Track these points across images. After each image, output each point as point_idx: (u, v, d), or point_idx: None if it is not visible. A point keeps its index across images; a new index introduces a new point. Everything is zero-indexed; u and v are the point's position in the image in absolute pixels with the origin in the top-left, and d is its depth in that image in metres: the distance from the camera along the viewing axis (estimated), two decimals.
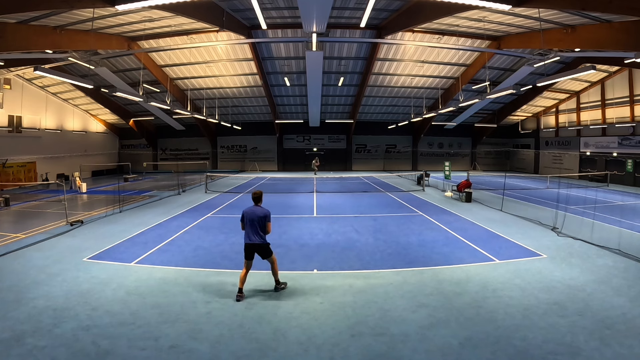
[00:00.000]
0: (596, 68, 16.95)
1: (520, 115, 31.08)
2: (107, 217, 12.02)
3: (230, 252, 8.05)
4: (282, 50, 20.36)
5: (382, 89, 25.56)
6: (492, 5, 6.61)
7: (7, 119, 21.09)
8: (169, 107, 17.34)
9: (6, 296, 5.60)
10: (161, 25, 16.19)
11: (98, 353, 4.11)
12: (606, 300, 5.43)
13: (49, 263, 7.19)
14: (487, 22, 15.32)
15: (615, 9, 7.82)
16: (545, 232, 9.79)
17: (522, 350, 4.15)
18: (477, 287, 5.99)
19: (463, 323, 4.79)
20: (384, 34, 17.52)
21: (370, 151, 34.51)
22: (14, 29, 11.95)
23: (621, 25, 11.07)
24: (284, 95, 26.81)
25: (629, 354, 4.05)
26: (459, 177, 19.83)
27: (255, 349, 4.22)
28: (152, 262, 7.31)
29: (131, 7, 6.58)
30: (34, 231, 10.03)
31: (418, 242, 8.86)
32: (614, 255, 7.62)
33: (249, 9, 14.92)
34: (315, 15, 10.48)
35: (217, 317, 5.00)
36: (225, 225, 10.71)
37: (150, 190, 19.51)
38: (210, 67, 21.92)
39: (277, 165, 34.03)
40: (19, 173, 22.07)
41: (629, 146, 22.20)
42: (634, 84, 21.07)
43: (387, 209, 13.44)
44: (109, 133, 32.29)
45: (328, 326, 4.75)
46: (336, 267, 7.03)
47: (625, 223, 10.61)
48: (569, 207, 13.19)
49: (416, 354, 4.12)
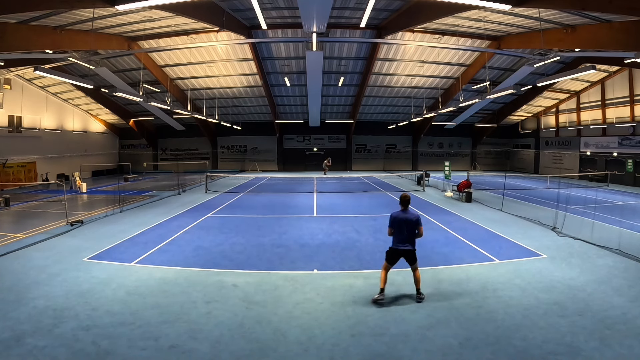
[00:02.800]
0: (596, 68, 16.94)
1: (520, 115, 31.07)
2: (107, 217, 12.02)
3: (230, 252, 8.06)
4: (282, 50, 20.35)
5: (382, 89, 25.55)
6: (492, 5, 6.60)
7: (7, 119, 21.09)
8: (169, 107, 17.35)
9: (6, 296, 5.60)
10: (161, 25, 16.19)
11: (98, 353, 4.11)
12: (606, 300, 5.43)
13: (49, 263, 7.19)
14: (487, 22, 15.32)
15: (615, 9, 7.81)
16: (546, 232, 9.78)
17: (522, 350, 4.15)
18: (477, 287, 5.99)
19: (463, 323, 4.79)
20: (384, 34, 17.51)
21: (371, 151, 34.51)
22: (14, 29, 11.95)
23: (621, 25, 11.06)
24: (284, 95, 26.81)
25: (629, 354, 4.05)
26: (459, 177, 19.82)
27: (255, 349, 4.22)
28: (152, 262, 7.30)
29: (131, 7, 6.58)
30: (34, 231, 10.03)
31: (418, 242, 8.73)
32: (614, 255, 7.62)
33: (249, 9, 14.91)
34: (315, 15, 10.48)
35: (217, 317, 5.00)
36: (226, 225, 10.71)
37: (151, 191, 19.51)
38: (210, 67, 21.91)
39: (277, 165, 34.02)
40: (19, 173, 22.07)
41: (629, 146, 22.19)
42: (634, 84, 21.06)
43: (387, 209, 13.41)
44: (109, 133, 32.29)
45: (328, 326, 4.75)
46: (336, 267, 7.03)
47: (626, 223, 10.60)
48: (569, 207, 13.19)
49: (416, 354, 4.12)
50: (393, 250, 5.50)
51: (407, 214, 5.49)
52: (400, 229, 5.42)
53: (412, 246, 5.46)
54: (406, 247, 5.43)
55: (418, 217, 5.49)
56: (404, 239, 5.43)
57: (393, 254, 5.49)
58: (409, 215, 5.46)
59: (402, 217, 5.46)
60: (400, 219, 5.45)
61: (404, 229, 5.41)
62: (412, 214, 5.51)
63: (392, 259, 5.49)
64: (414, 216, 5.47)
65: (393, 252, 5.49)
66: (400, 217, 5.46)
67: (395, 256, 5.48)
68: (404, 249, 5.42)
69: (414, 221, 5.42)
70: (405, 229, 5.41)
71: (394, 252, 5.48)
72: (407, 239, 5.43)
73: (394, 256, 5.48)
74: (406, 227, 5.41)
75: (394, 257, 5.48)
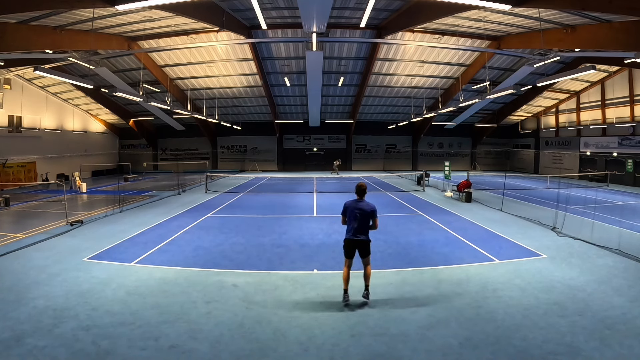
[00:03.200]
0: (596, 68, 16.96)
1: (520, 115, 31.08)
2: (107, 217, 12.02)
3: (230, 252, 8.06)
4: (282, 50, 20.36)
5: (382, 89, 25.56)
6: (492, 5, 6.60)
7: (7, 119, 21.10)
8: (169, 107, 17.35)
9: (6, 296, 5.59)
10: (161, 25, 16.19)
11: (98, 353, 4.11)
12: (606, 300, 5.43)
13: (49, 263, 7.18)
14: (487, 22, 15.32)
15: (615, 9, 7.81)
16: (545, 232, 9.79)
17: (522, 350, 4.15)
18: (477, 287, 5.99)
19: (463, 323, 4.79)
20: (384, 34, 17.52)
21: (370, 151, 34.52)
22: (14, 29, 11.95)
23: (621, 25, 11.06)
24: (284, 95, 26.82)
25: (629, 354, 4.05)
26: (459, 177, 19.82)
27: (255, 349, 4.22)
28: (152, 262, 7.30)
29: (131, 7, 6.58)
30: (34, 231, 10.03)
31: (418, 242, 8.86)
32: (614, 255, 7.62)
33: (249, 9, 14.92)
34: (315, 15, 10.49)
35: (217, 317, 4.99)
36: (225, 225, 10.71)
37: (150, 190, 19.51)
38: (210, 67, 21.92)
39: (277, 165, 34.03)
40: (19, 173, 22.07)
41: (629, 146, 22.20)
42: (634, 84, 21.07)
43: (387, 209, 13.43)
44: (109, 133, 32.29)
45: (328, 326, 4.74)
46: (336, 267, 7.01)
47: (625, 223, 10.60)
48: (569, 207, 13.19)
49: (416, 354, 4.12)
50: (348, 241, 5.39)
51: (362, 203, 5.41)
52: (354, 219, 5.33)
53: (366, 237, 5.38)
54: (361, 238, 5.33)
55: (374, 208, 5.40)
56: (358, 229, 5.33)
57: (349, 245, 5.39)
58: (364, 206, 5.38)
59: (355, 206, 5.39)
60: (354, 207, 5.38)
61: (358, 219, 5.32)
62: (368, 204, 5.42)
63: (349, 251, 5.39)
64: (370, 207, 5.38)
65: (349, 243, 5.38)
66: (354, 206, 5.40)
67: (352, 248, 5.37)
68: (359, 239, 5.32)
69: (368, 212, 5.34)
70: (359, 218, 5.32)
71: (350, 243, 5.37)
72: (361, 229, 5.34)
73: (351, 248, 5.38)
74: (360, 217, 5.32)
75: (350, 248, 5.38)
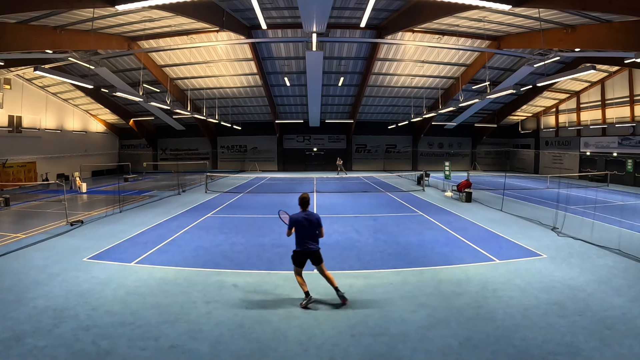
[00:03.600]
0: (596, 68, 16.96)
1: (520, 115, 31.07)
2: (107, 217, 12.02)
3: (230, 252, 8.06)
4: (282, 50, 20.35)
5: (382, 89, 25.56)
6: (492, 5, 6.60)
7: (7, 119, 21.09)
8: (169, 107, 17.35)
9: (6, 296, 5.60)
10: (161, 25, 16.19)
11: (98, 353, 4.11)
12: (606, 300, 5.43)
13: (49, 263, 7.19)
14: (487, 22, 15.32)
15: (615, 9, 7.82)
16: (546, 232, 9.79)
17: (522, 350, 4.15)
18: (477, 287, 5.99)
19: (463, 323, 4.79)
20: (384, 34, 17.52)
21: (370, 151, 34.51)
22: (14, 29, 11.95)
23: (621, 25, 11.06)
24: (284, 95, 26.81)
25: (629, 354, 4.05)
26: (459, 177, 19.83)
27: (255, 349, 4.22)
28: (152, 262, 7.30)
29: (131, 7, 6.58)
30: (34, 231, 10.03)
31: (418, 242, 8.86)
32: (614, 255, 7.62)
33: (249, 9, 14.92)
34: (315, 15, 10.49)
35: (217, 317, 5.00)
36: (225, 225, 10.71)
37: (150, 190, 19.51)
38: (210, 67, 21.92)
39: (277, 165, 34.03)
40: (19, 173, 22.07)
41: (629, 146, 22.19)
42: (634, 84, 21.06)
43: (387, 209, 13.43)
44: (109, 133, 32.29)
45: (328, 326, 4.75)
46: (336, 267, 7.01)
47: (625, 223, 10.61)
48: (569, 207, 13.19)
49: (416, 354, 4.12)
50: (300, 252, 5.42)
51: (309, 214, 5.49)
52: (304, 230, 5.39)
53: (316, 246, 5.46)
54: (313, 247, 5.40)
55: (319, 217, 5.53)
56: (309, 240, 5.40)
57: (301, 255, 5.42)
58: (310, 216, 5.46)
59: (304, 217, 5.44)
60: (303, 219, 5.42)
61: (308, 230, 5.40)
62: (314, 215, 5.53)
63: (301, 261, 5.43)
64: (315, 217, 5.50)
65: (301, 254, 5.42)
66: (302, 217, 5.44)
67: (304, 258, 5.43)
68: (312, 249, 5.39)
69: (315, 222, 5.44)
70: (309, 229, 5.40)
71: (303, 254, 5.41)
72: (311, 239, 5.42)
73: (303, 258, 5.43)
74: (309, 228, 5.40)
75: (302, 259, 5.43)
